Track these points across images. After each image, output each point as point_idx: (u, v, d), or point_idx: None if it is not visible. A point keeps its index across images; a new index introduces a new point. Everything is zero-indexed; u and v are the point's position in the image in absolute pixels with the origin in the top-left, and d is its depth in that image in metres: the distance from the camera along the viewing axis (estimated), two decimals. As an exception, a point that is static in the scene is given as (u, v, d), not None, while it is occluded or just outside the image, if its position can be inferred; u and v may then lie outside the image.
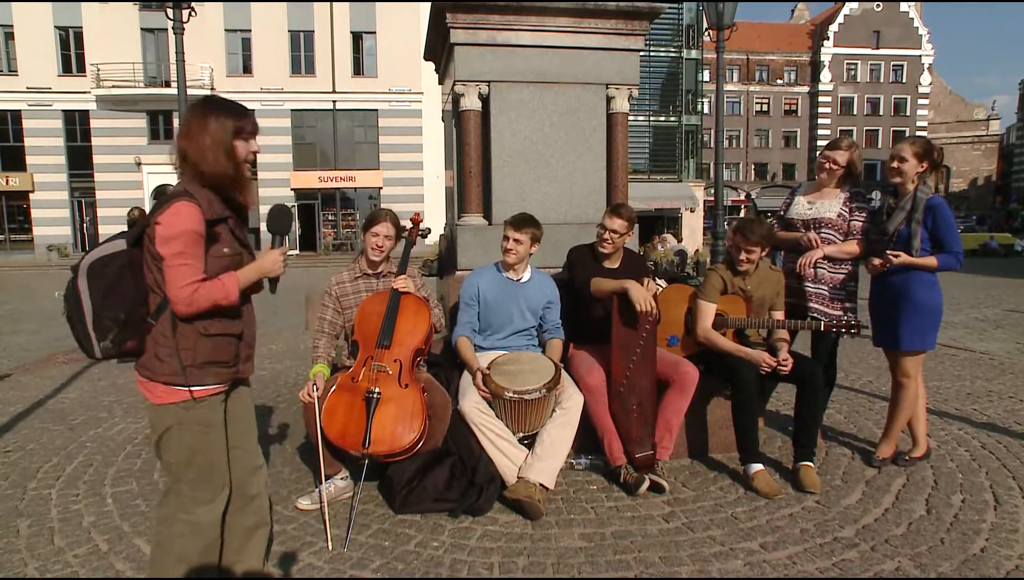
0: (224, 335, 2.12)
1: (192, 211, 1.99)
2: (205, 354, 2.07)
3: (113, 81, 28.76)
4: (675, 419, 3.56)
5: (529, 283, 3.80)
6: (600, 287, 3.63)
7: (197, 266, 2.01)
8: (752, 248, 3.65)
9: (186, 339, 2.04)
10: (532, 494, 3.16)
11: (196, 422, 2.09)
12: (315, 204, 31.52)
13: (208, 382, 2.09)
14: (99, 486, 3.60)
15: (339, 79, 30.57)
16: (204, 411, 2.11)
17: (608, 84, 4.60)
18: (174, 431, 2.08)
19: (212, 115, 2.07)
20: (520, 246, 3.64)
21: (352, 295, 3.63)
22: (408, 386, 3.22)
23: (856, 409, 4.93)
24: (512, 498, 3.19)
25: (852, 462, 3.81)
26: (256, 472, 2.30)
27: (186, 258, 1.98)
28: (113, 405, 5.29)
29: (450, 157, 5.63)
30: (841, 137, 3.93)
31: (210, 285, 2.02)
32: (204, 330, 2.06)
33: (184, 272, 1.98)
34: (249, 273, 2.14)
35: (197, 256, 2.01)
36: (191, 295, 1.98)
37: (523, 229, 3.63)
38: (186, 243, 1.98)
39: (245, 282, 2.12)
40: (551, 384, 3.34)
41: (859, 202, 3.80)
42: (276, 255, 2.19)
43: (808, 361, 3.71)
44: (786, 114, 55.53)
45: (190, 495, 2.14)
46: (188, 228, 1.98)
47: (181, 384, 2.04)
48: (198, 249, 2.01)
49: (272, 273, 2.20)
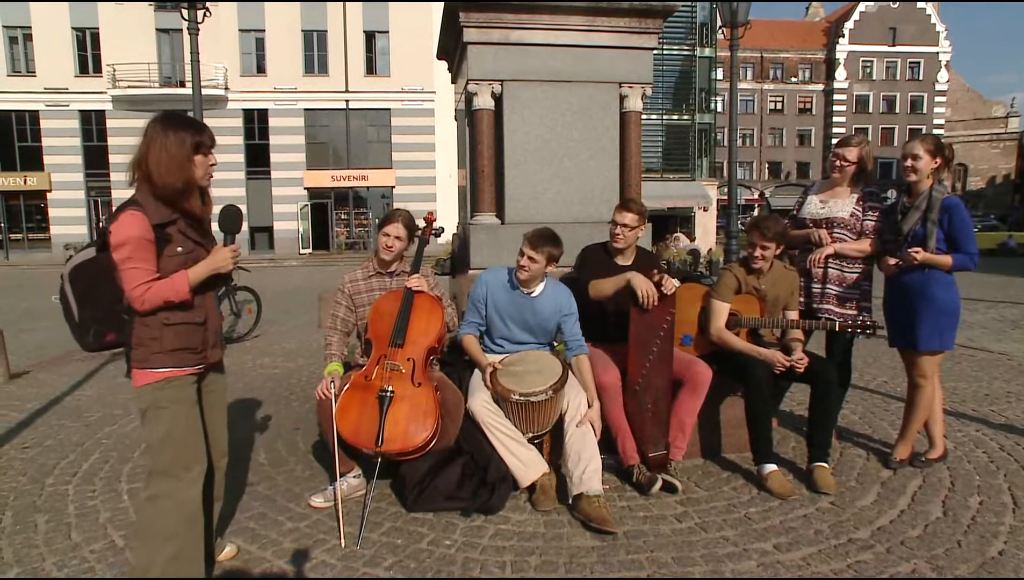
0: (186, 324, 2.34)
1: (137, 219, 2.21)
2: (170, 341, 2.31)
3: (129, 81, 29.07)
4: (688, 419, 3.55)
5: (541, 297, 3.65)
6: (600, 290, 3.61)
7: (146, 268, 2.23)
8: (767, 244, 3.63)
9: (151, 329, 2.28)
10: (603, 515, 3.01)
11: (168, 400, 2.32)
12: (328, 203, 31.68)
13: (176, 365, 2.33)
14: (115, 482, 3.65)
15: (352, 78, 30.70)
16: (174, 391, 2.34)
17: (621, 83, 4.60)
18: (151, 411, 2.32)
19: (171, 131, 2.26)
20: (535, 265, 3.46)
21: (365, 293, 3.65)
22: (421, 385, 3.24)
23: (871, 410, 4.89)
24: (581, 519, 3.07)
25: (867, 463, 3.79)
26: (223, 457, 2.64)
27: (134, 262, 2.21)
28: (129, 403, 5.34)
29: (463, 156, 5.65)
30: (851, 135, 3.91)
31: (161, 284, 2.24)
32: (166, 320, 2.29)
33: (134, 275, 2.21)
34: (200, 270, 2.34)
35: (145, 259, 2.23)
36: (143, 294, 2.22)
37: (540, 249, 3.42)
38: (133, 249, 2.20)
39: (196, 279, 2.33)
40: (558, 385, 3.32)
41: (872, 201, 3.77)
42: (227, 253, 2.40)
43: (822, 361, 3.69)
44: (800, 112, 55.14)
45: (171, 473, 2.33)
46: (134, 235, 2.20)
47: (151, 367, 2.30)
48: (146, 253, 2.23)
49: (223, 269, 2.40)
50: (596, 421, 3.37)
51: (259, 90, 30.09)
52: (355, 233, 32.38)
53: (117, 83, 29.02)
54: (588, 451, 3.27)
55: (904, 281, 3.58)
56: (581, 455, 3.25)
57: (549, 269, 3.54)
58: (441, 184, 30.55)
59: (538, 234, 3.47)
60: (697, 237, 29.88)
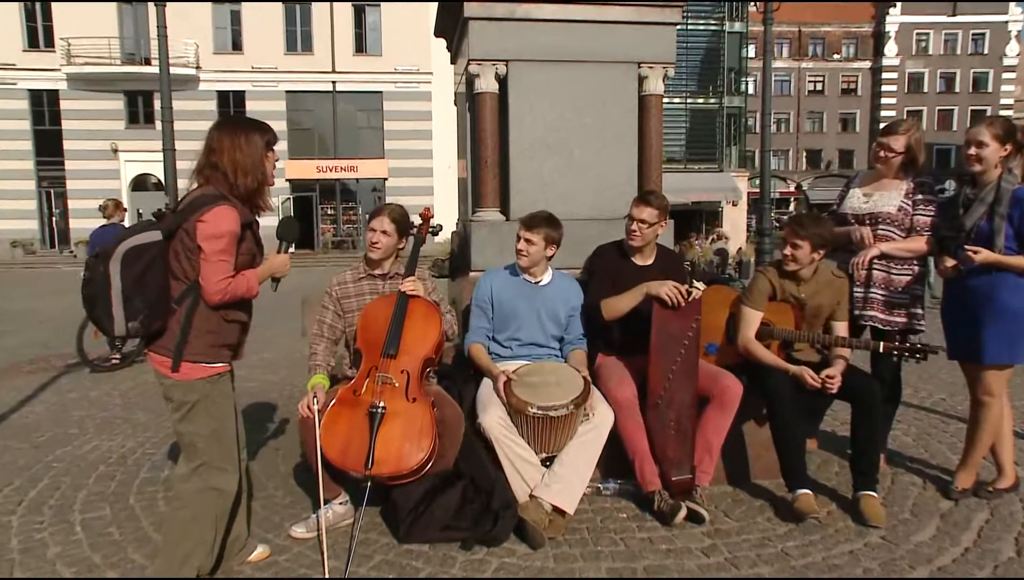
0: (239, 322, 2.72)
1: (234, 215, 2.56)
2: (226, 336, 2.67)
3: (86, 58, 29.02)
4: (716, 439, 3.55)
5: (549, 286, 3.82)
6: (615, 309, 3.64)
7: (231, 263, 2.59)
8: (799, 242, 3.58)
9: (210, 322, 2.60)
10: (541, 519, 3.18)
11: (220, 395, 2.69)
12: (312, 196, 31.81)
13: (224, 360, 2.69)
14: (67, 512, 3.64)
15: (339, 58, 30.83)
16: (224, 385, 2.72)
17: (640, 63, 4.61)
18: (201, 404, 2.62)
19: (244, 135, 2.64)
20: (532, 248, 3.67)
21: (355, 297, 3.67)
22: (416, 400, 3.25)
23: (927, 431, 4.87)
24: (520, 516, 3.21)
25: (923, 492, 3.76)
26: (244, 447, 2.94)
27: (225, 256, 2.56)
28: (85, 420, 5.38)
29: (463, 145, 5.67)
30: (898, 120, 3.88)
31: (239, 280, 2.61)
32: (225, 316, 2.64)
33: (222, 268, 2.55)
34: (262, 272, 2.75)
35: (233, 254, 2.59)
36: (226, 288, 2.56)
37: (536, 229, 3.66)
38: (228, 242, 2.56)
39: (260, 279, 2.74)
40: (579, 399, 3.34)
41: (924, 193, 3.73)
42: (285, 258, 2.83)
43: (863, 375, 3.67)
44: (844, 93, 54.94)
45: (218, 466, 2.68)
46: (231, 229, 2.55)
47: (207, 361, 2.61)
48: (234, 248, 2.59)
49: (279, 274, 2.83)
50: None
51: (235, 70, 30.22)
52: (343, 230, 32.49)
53: (72, 59, 28.94)
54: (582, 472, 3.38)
55: (967, 285, 3.50)
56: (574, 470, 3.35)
57: (549, 252, 3.72)
58: (439, 176, 30.63)
59: (532, 215, 3.72)
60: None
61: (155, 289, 2.51)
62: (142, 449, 4.65)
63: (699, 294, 3.46)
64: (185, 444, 2.70)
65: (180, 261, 2.57)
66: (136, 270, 2.46)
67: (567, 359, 3.81)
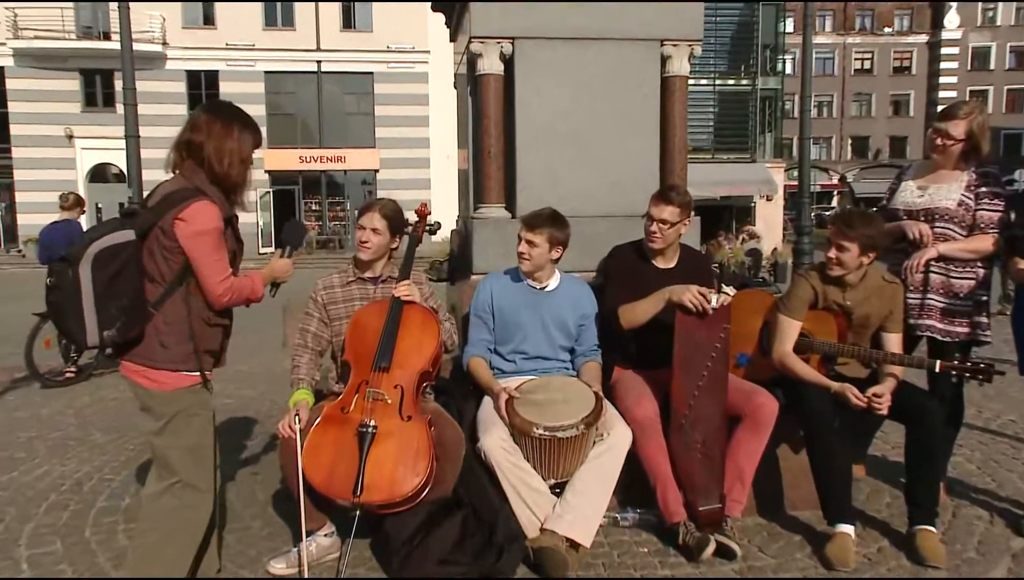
0: (222, 326, 2.79)
1: (216, 211, 2.61)
2: (207, 342, 2.72)
3: (36, 31, 29.09)
4: (749, 464, 3.56)
5: (556, 292, 3.83)
6: (634, 316, 3.65)
7: (227, 260, 2.68)
8: (846, 244, 3.53)
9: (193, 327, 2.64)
10: (558, 545, 3.19)
11: (201, 406, 2.74)
12: (295, 190, 31.95)
13: (207, 367, 2.74)
14: (11, 547, 3.64)
15: (325, 34, 30.95)
16: (205, 396, 2.78)
17: (663, 40, 4.63)
18: (182, 417, 2.68)
19: (236, 122, 2.70)
20: (535, 250, 3.67)
21: (343, 304, 3.70)
22: (411, 419, 3.27)
23: (994, 457, 4.84)
24: (535, 547, 3.23)
25: (991, 528, 3.74)
26: (218, 468, 2.96)
27: (218, 254, 2.64)
28: (34, 442, 5.39)
29: (464, 133, 5.70)
30: (958, 102, 3.86)
31: (240, 280, 2.72)
32: (208, 320, 2.70)
33: (220, 267, 2.64)
34: (265, 274, 2.87)
35: (223, 250, 2.66)
36: (230, 287, 2.66)
37: (538, 229, 3.66)
38: (216, 239, 2.62)
39: (264, 282, 2.85)
40: (591, 418, 3.36)
41: (989, 185, 3.71)
42: (287, 263, 3.00)
43: (919, 393, 3.66)
44: (895, 72, 54.78)
45: (193, 485, 2.72)
46: (215, 225, 2.61)
47: (190, 369, 2.67)
48: (223, 244, 2.66)
49: (281, 278, 3.00)
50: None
51: (207, 47, 30.35)
52: (329, 228, 32.59)
53: (20, 33, 29.00)
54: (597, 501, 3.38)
55: None
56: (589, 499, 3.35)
57: (554, 254, 3.73)
58: (436, 168, 30.69)
59: (534, 214, 3.74)
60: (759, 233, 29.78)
61: (130, 293, 2.53)
62: (99, 474, 4.66)
63: (728, 300, 3.44)
64: (159, 459, 2.74)
65: (156, 262, 2.60)
66: (110, 272, 2.48)
67: (579, 373, 3.83)
